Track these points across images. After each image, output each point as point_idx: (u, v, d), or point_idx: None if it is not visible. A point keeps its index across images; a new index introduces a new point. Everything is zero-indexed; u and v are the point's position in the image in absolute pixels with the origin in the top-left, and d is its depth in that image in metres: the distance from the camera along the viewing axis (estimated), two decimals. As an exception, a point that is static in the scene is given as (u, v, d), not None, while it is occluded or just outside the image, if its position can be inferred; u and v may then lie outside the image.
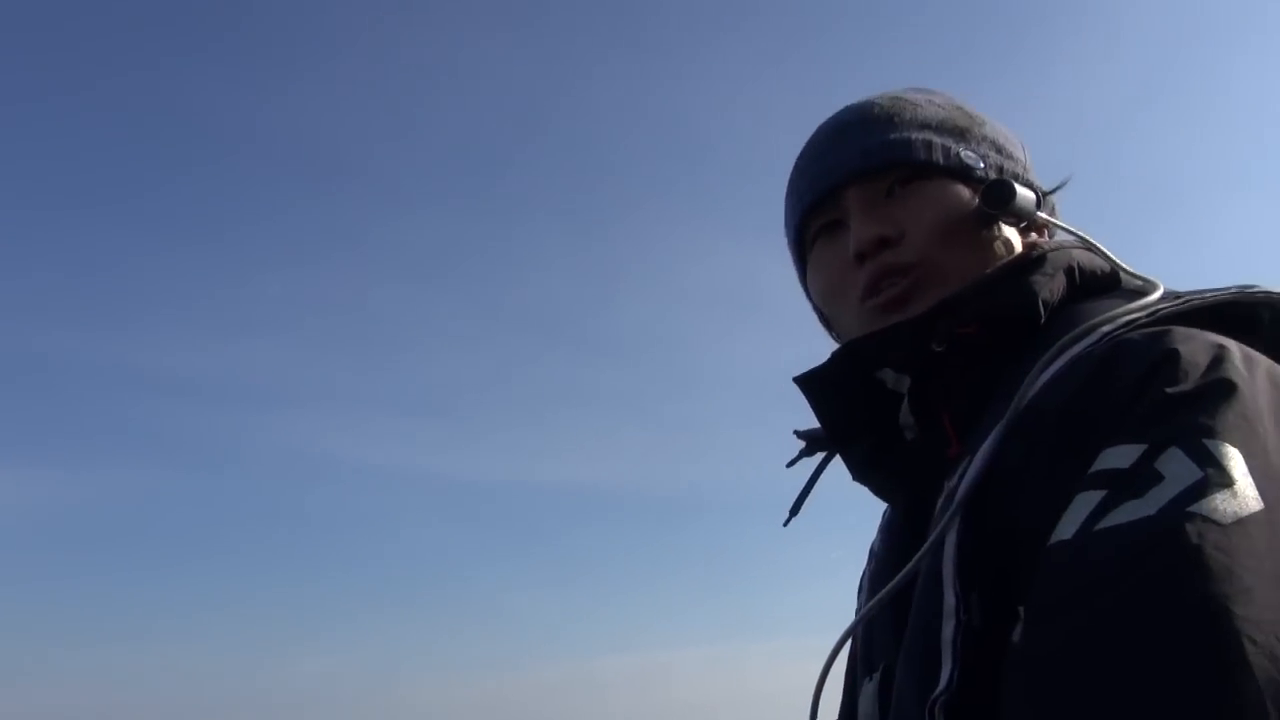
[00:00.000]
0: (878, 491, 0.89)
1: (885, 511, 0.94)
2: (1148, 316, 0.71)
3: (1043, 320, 0.77)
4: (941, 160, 0.86)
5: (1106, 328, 0.69)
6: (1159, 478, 0.55)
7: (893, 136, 0.87)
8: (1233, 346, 0.64)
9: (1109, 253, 0.83)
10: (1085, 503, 0.57)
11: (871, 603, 0.72)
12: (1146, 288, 0.78)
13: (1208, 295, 0.74)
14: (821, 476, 0.92)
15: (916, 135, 0.87)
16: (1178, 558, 0.52)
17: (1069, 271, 0.81)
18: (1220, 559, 0.51)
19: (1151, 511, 0.54)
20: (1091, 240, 0.84)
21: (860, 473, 0.88)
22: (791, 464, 0.93)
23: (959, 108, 0.92)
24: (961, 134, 0.89)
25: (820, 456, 0.93)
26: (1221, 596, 0.50)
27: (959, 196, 0.85)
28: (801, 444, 0.93)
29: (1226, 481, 0.54)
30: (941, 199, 0.85)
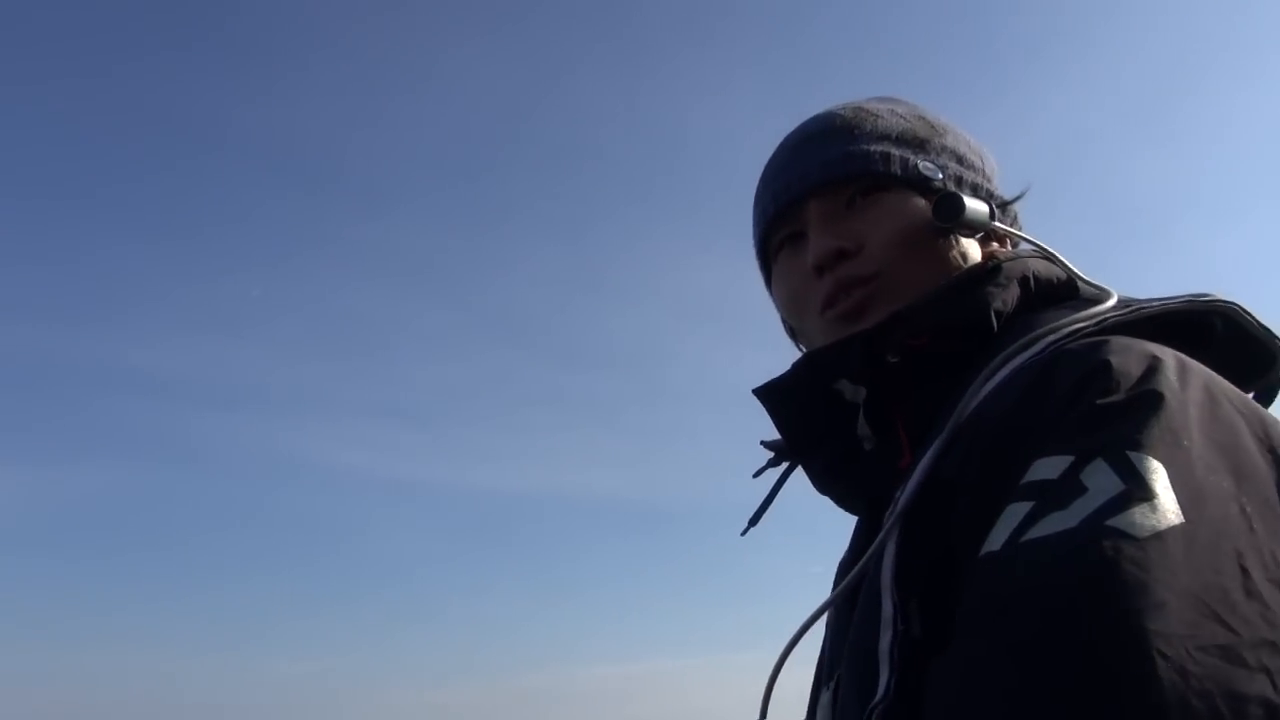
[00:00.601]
0: (839, 502, 0.89)
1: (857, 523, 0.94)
2: (1094, 326, 0.71)
3: (995, 330, 0.78)
4: (899, 172, 0.87)
5: (1051, 337, 0.70)
6: (1083, 490, 0.55)
7: (852, 149, 0.88)
8: (1168, 357, 0.64)
9: (1066, 262, 0.83)
10: (1014, 514, 0.58)
11: (812, 614, 0.71)
12: (1101, 296, 0.78)
13: (1157, 304, 0.75)
14: (788, 488, 0.93)
15: (876, 147, 0.88)
16: (1093, 572, 0.52)
17: (1024, 281, 0.81)
18: (1135, 573, 0.51)
19: (1073, 524, 0.54)
20: (1049, 250, 0.84)
21: (821, 484, 0.89)
22: (758, 474, 0.93)
23: (921, 117, 0.93)
24: (921, 144, 0.89)
25: (785, 467, 0.93)
26: (1134, 611, 0.49)
27: (917, 208, 0.86)
28: (769, 454, 0.94)
29: (1147, 495, 0.54)
30: (900, 211, 0.86)
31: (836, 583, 0.92)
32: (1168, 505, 0.54)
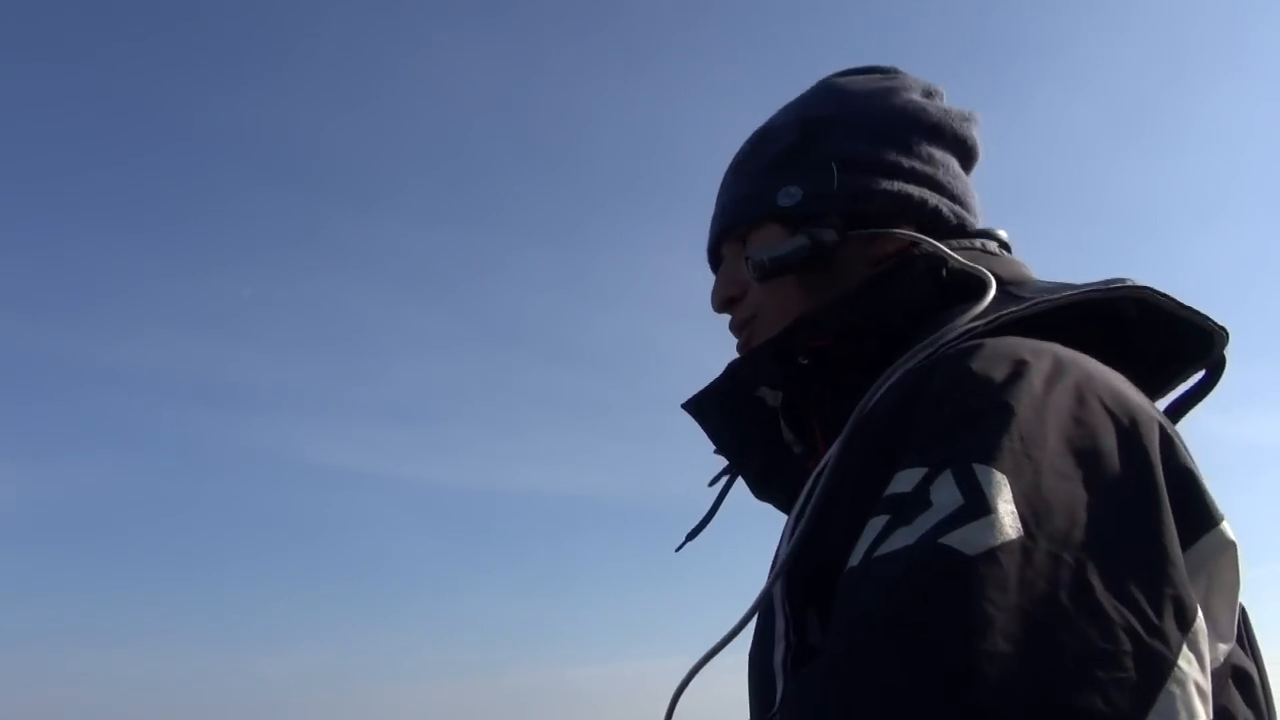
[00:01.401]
0: (780, 507, 0.89)
1: None
2: (986, 325, 0.70)
3: (901, 328, 0.77)
4: (760, 212, 0.89)
5: (949, 338, 0.68)
6: (928, 505, 0.55)
7: (735, 194, 0.92)
8: (1036, 361, 0.62)
9: (953, 254, 0.80)
10: (873, 529, 0.58)
11: (728, 633, 0.71)
12: (1020, 290, 0.76)
13: (1061, 295, 0.73)
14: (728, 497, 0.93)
15: (752, 187, 0.90)
16: (918, 591, 0.52)
17: (934, 277, 0.80)
18: (959, 593, 0.51)
19: (911, 541, 0.54)
20: (935, 244, 0.81)
21: (758, 490, 0.91)
22: (713, 482, 0.93)
23: (804, 121, 0.91)
24: (791, 167, 0.89)
25: (729, 477, 0.93)
26: (954, 632, 0.49)
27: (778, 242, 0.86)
28: (724, 462, 0.93)
29: (983, 509, 0.53)
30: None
31: None
32: (1005, 520, 0.53)
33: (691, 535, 0.93)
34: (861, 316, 0.80)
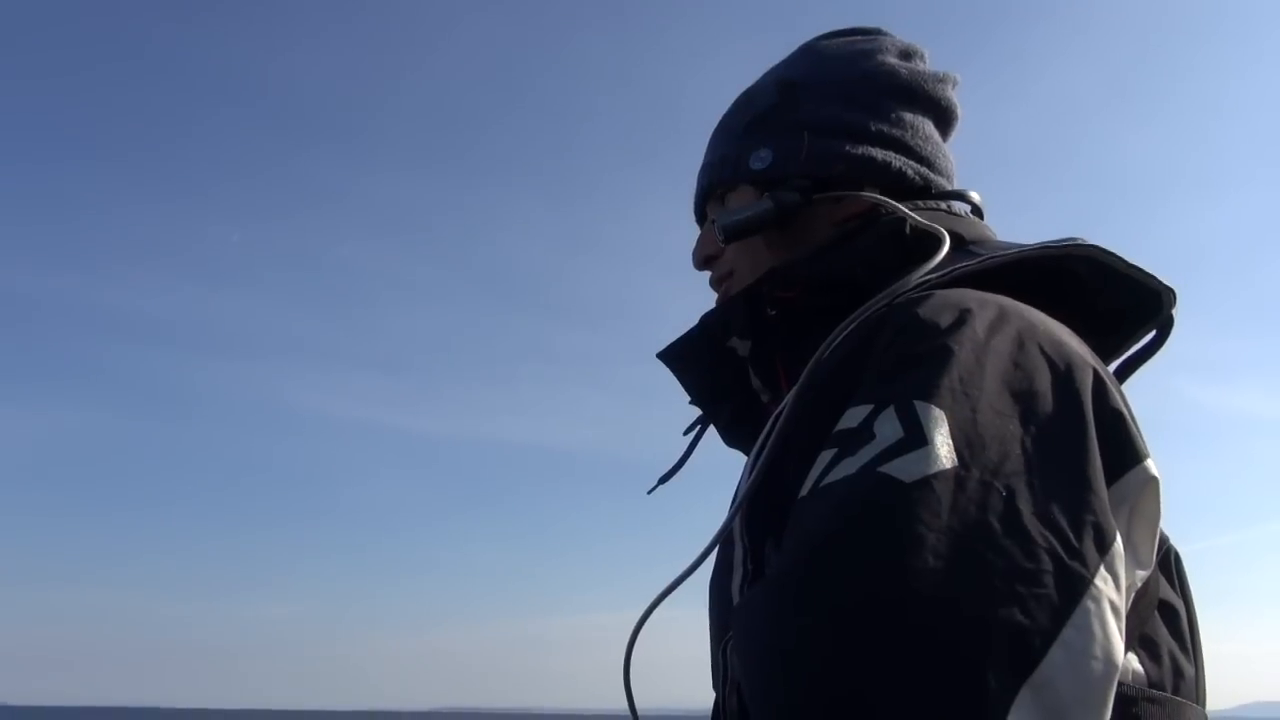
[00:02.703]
0: (746, 453, 0.91)
1: None
2: (940, 278, 0.73)
3: (862, 283, 0.81)
4: (732, 175, 0.94)
5: (903, 290, 0.72)
6: (871, 436, 0.60)
7: (718, 155, 0.97)
8: (981, 310, 0.67)
9: (909, 213, 0.83)
10: (822, 460, 0.62)
11: (691, 562, 0.75)
12: (979, 249, 0.80)
13: (1011, 251, 0.77)
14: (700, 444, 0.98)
15: (729, 149, 0.95)
16: (857, 514, 0.56)
17: (897, 234, 0.83)
18: (894, 515, 0.55)
19: (852, 471, 0.59)
20: (895, 204, 0.85)
21: (728, 437, 0.96)
22: (688, 431, 0.98)
23: (781, 83, 0.95)
24: (764, 130, 0.93)
25: (701, 426, 0.98)
26: (888, 549, 0.54)
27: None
28: (698, 412, 0.98)
29: (921, 441, 0.58)
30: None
31: None
32: (940, 451, 0.58)
33: (664, 479, 0.98)
34: (826, 271, 0.84)
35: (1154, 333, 0.85)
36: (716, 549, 0.75)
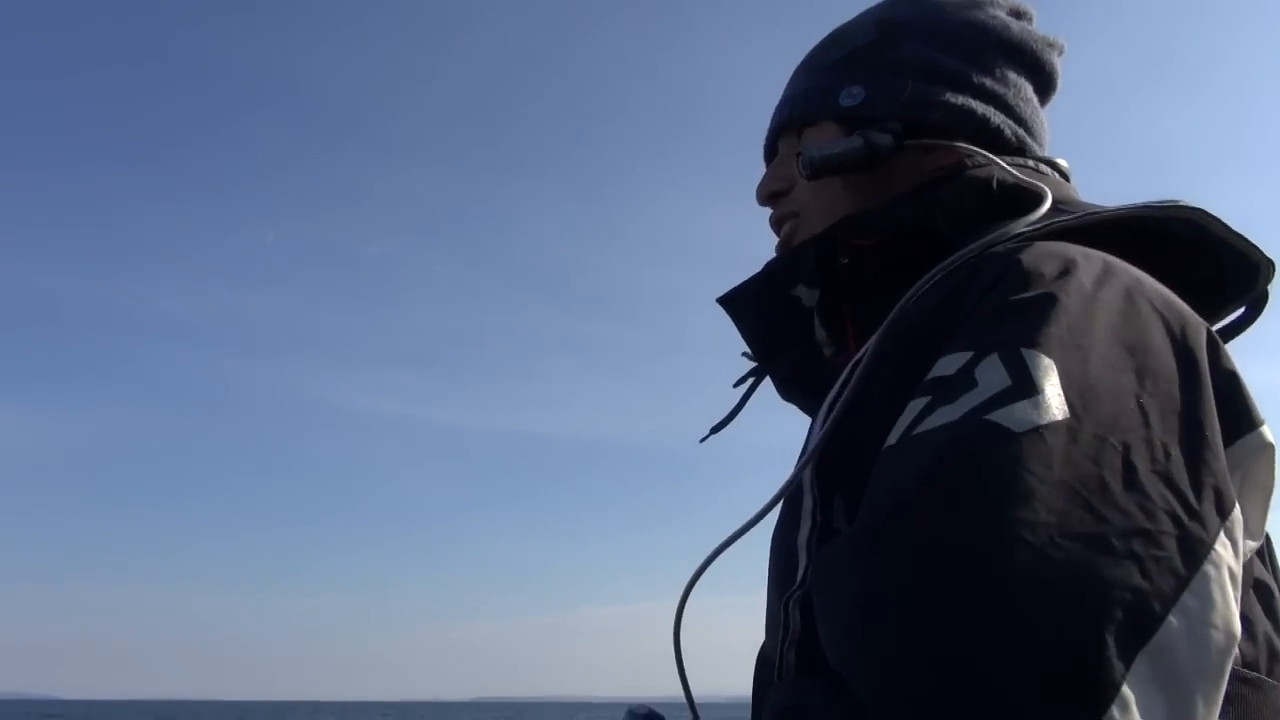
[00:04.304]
0: (803, 408, 0.90)
1: None
2: (1033, 230, 0.70)
3: (946, 233, 0.78)
4: (819, 108, 0.89)
5: (989, 240, 0.69)
6: (973, 384, 0.56)
7: (801, 87, 0.92)
8: (1086, 262, 0.63)
9: (1008, 167, 0.81)
10: (913, 409, 0.59)
11: (756, 513, 0.72)
12: (1068, 205, 0.77)
13: (1113, 210, 0.74)
14: (753, 397, 0.93)
15: (816, 82, 0.91)
16: (962, 463, 0.53)
17: (985, 188, 0.80)
18: (1003, 464, 0.52)
19: (954, 418, 0.55)
20: (991, 157, 0.82)
21: (785, 390, 0.91)
22: (738, 384, 0.94)
23: (882, 23, 0.91)
24: (858, 67, 0.89)
25: (756, 378, 0.93)
26: (997, 499, 0.51)
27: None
28: (751, 364, 0.93)
29: (1031, 390, 0.55)
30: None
31: None
32: (1052, 401, 0.54)
33: (716, 429, 0.94)
34: (908, 220, 0.80)
35: (1243, 309, 0.81)
36: (781, 503, 0.71)
